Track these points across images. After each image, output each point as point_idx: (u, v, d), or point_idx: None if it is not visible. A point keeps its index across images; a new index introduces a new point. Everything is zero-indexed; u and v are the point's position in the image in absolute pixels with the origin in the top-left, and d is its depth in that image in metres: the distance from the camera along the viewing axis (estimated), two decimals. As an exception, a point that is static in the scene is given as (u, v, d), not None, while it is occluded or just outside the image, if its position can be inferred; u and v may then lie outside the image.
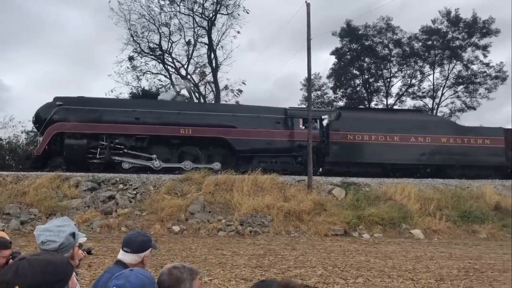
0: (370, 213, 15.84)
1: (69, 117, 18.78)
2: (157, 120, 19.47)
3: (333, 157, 20.99)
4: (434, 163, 22.15)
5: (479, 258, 11.19)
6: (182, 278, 2.17)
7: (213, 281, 7.48)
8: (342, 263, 9.71)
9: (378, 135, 21.24)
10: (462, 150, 21.96)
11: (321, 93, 43.37)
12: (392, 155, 21.22)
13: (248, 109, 21.34)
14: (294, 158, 21.02)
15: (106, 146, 18.91)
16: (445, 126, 22.94)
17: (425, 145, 21.64)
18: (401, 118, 22.56)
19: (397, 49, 39.10)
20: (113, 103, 20.90)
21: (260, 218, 15.25)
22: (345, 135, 21.02)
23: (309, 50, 18.60)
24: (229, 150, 20.30)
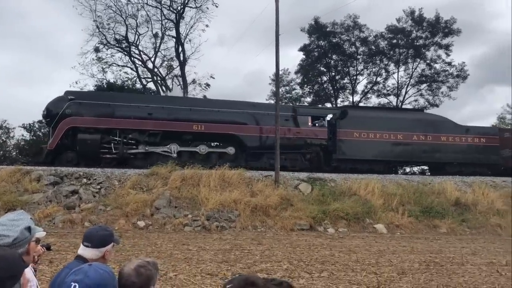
0: (335, 208, 16.06)
1: (81, 112, 18.66)
2: (170, 116, 19.59)
3: (340, 155, 21.56)
4: (434, 160, 22.94)
5: (439, 252, 11.53)
6: (151, 275, 2.13)
7: (179, 276, 7.42)
8: (307, 257, 9.81)
9: (383, 133, 21.92)
10: (460, 149, 22.91)
11: (289, 88, 43.61)
12: (396, 152, 22.10)
13: (259, 106, 21.70)
14: (302, 155, 21.48)
15: (120, 141, 18.93)
16: (444, 125, 23.55)
17: (426, 143, 22.47)
18: (404, 117, 23.33)
19: (364, 47, 39.73)
20: (125, 98, 20.79)
21: (227, 213, 15.23)
22: (351, 133, 21.58)
23: (277, 46, 18.64)
24: (239, 146, 20.43)
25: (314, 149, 21.39)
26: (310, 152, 21.44)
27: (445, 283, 7.49)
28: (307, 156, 21.53)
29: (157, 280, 2.18)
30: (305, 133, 21.36)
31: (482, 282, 7.71)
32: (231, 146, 20.32)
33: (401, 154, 22.32)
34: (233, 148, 20.25)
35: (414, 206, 17.18)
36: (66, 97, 19.05)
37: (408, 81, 40.28)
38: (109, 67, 32.27)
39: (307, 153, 21.52)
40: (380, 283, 7.30)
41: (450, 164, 22.95)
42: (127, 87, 31.45)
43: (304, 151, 21.48)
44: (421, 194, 17.96)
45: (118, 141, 18.95)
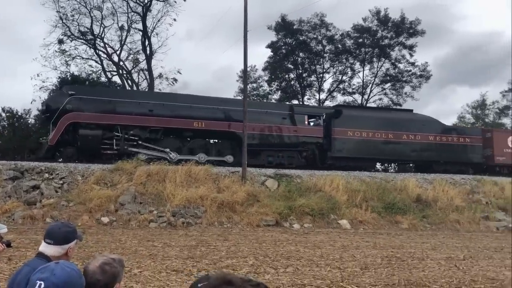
0: (301, 204, 16.25)
1: (82, 107, 18.47)
2: (170, 113, 19.63)
3: (335, 152, 22.13)
4: (423, 159, 23.83)
5: (401, 247, 11.84)
6: (117, 272, 2.10)
7: (143, 273, 7.35)
8: (273, 253, 9.89)
9: (375, 132, 22.65)
10: (447, 148, 23.90)
11: (256, 85, 43.68)
12: (387, 151, 22.91)
13: (257, 104, 22.21)
14: (299, 153, 21.93)
15: (121, 137, 18.89)
16: (432, 125, 24.48)
17: (415, 143, 23.35)
18: (394, 117, 24.24)
19: (330, 46, 40.21)
20: (126, 94, 20.71)
21: (193, 209, 15.16)
22: (345, 132, 22.20)
23: (245, 42, 18.64)
24: (238, 143, 20.29)
25: (310, 147, 21.96)
26: (306, 150, 21.97)
27: (406, 277, 7.71)
28: (304, 154, 22.03)
29: (122, 277, 2.15)
30: (301, 131, 21.79)
31: (441, 276, 7.98)
32: (230, 154, 20.57)
33: (391, 153, 23.13)
34: (231, 156, 20.50)
35: (377, 202, 17.57)
36: (66, 92, 18.86)
37: (373, 80, 41.11)
38: (73, 59, 31.45)
39: (304, 151, 21.98)
40: (343, 278, 7.45)
41: (437, 163, 23.90)
42: (92, 81, 30.74)
43: (301, 149, 21.94)
44: (384, 190, 18.38)
45: (119, 137, 18.91)
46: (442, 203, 18.39)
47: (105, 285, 2.03)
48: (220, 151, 20.83)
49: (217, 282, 1.25)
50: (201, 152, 20.13)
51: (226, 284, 1.23)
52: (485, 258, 10.52)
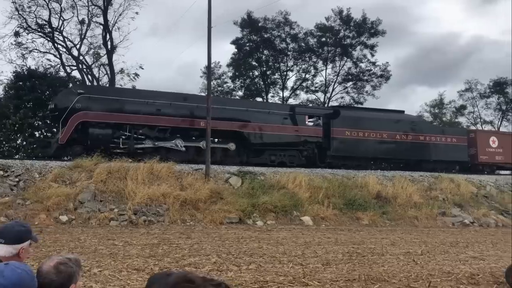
0: (264, 201, 16.31)
1: (91, 106, 18.65)
2: (178, 112, 20.06)
3: (334, 152, 23.00)
4: (414, 158, 25.00)
5: (361, 243, 12.08)
6: (73, 272, 2.03)
7: (103, 272, 7.18)
8: (236, 250, 9.88)
9: (370, 132, 23.66)
10: (435, 147, 25.25)
11: (220, 81, 43.49)
12: (381, 150, 24.13)
13: (260, 105, 23.35)
14: (300, 152, 22.66)
15: (130, 136, 19.16)
16: (422, 126, 26.15)
17: (407, 142, 24.56)
18: (388, 118, 25.20)
19: (294, 44, 40.52)
20: (134, 93, 21.10)
21: (155, 207, 14.96)
22: (343, 132, 23.12)
23: (209, 38, 18.50)
24: (242, 143, 21.28)
25: (310, 146, 22.72)
26: (307, 149, 22.70)
27: (366, 272, 7.86)
28: (304, 153, 22.74)
29: (79, 277, 2.08)
30: (302, 131, 22.54)
31: (400, 271, 8.19)
32: (232, 142, 21.06)
33: (386, 152, 24.33)
34: (233, 144, 21.02)
35: (338, 199, 17.86)
36: (75, 91, 19.01)
37: (335, 78, 41.73)
38: (29, 53, 30.36)
39: (304, 150, 22.70)
40: (305, 274, 7.52)
41: (427, 162, 25.13)
42: (50, 75, 29.76)
43: (302, 148, 22.66)
44: (345, 187, 18.71)
45: (127, 136, 19.19)
46: (401, 199, 18.89)
47: (60, 285, 1.96)
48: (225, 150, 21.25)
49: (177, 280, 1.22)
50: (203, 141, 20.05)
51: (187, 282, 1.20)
52: (441, 253, 10.87)
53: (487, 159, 26.89)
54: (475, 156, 26.47)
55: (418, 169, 23.99)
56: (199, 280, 1.21)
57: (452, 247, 12.05)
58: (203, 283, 1.21)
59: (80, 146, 18.42)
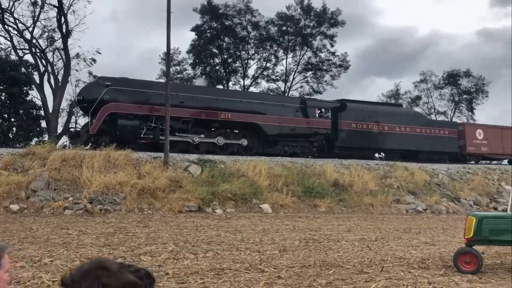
0: (224, 189, 16.29)
1: (119, 98, 19.18)
2: (200, 105, 20.84)
3: (341, 143, 24.33)
4: (411, 148, 26.45)
5: (318, 230, 12.29)
6: None
7: (55, 262, 6.98)
8: (194, 238, 9.84)
9: (373, 125, 25.25)
10: (430, 139, 26.87)
11: (180, 68, 42.84)
12: (382, 141, 25.67)
13: (274, 98, 24.92)
14: (310, 143, 23.86)
15: (156, 127, 19.72)
16: (418, 119, 27.95)
17: (406, 134, 26.13)
18: (388, 111, 27.12)
19: (255, 32, 40.38)
20: (157, 86, 21.62)
21: (111, 196, 14.65)
22: (349, 124, 24.50)
23: (168, 23, 18.16)
24: (257, 134, 22.24)
25: (320, 137, 23.95)
26: (317, 141, 23.92)
27: (321, 258, 8.01)
28: (315, 144, 23.99)
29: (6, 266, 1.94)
30: (313, 123, 23.69)
31: (354, 257, 8.39)
32: (244, 138, 22.07)
33: (387, 143, 25.86)
34: (245, 140, 22.04)
35: (297, 187, 18.07)
36: (102, 82, 19.49)
37: (295, 68, 41.98)
38: (-23, 35, 28.85)
39: (315, 141, 23.90)
40: (262, 260, 7.58)
41: (422, 152, 26.68)
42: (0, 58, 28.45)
43: (312, 139, 23.83)
44: (304, 175, 18.93)
45: (153, 127, 19.76)
46: (357, 187, 19.32)
47: None
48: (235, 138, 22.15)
49: (91, 267, 1.17)
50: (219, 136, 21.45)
51: (101, 269, 1.15)
52: (394, 239, 11.22)
53: (474, 150, 28.81)
54: (464, 147, 28.27)
55: (415, 159, 25.26)
56: (115, 267, 1.16)
57: (405, 233, 12.45)
58: (119, 270, 1.16)
59: (108, 137, 18.84)
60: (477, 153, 29.26)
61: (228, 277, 6.35)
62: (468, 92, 47.84)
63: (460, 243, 9.43)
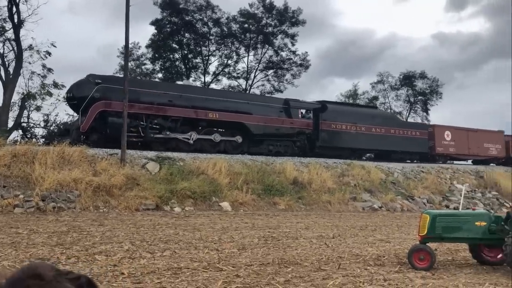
0: (182, 187, 16.10)
1: (109, 96, 19.17)
2: (188, 104, 21.11)
3: (322, 142, 25.11)
4: (386, 148, 27.67)
5: (277, 227, 12.34)
6: None
7: (2, 262, 6.65)
8: (151, 237, 9.64)
9: (352, 126, 26.13)
10: (403, 140, 28.09)
11: (139, 63, 41.94)
12: (360, 142, 26.51)
13: (259, 98, 25.58)
14: (293, 143, 24.54)
15: (146, 125, 20.02)
16: (392, 121, 29.59)
17: (381, 135, 27.19)
18: (365, 112, 28.44)
19: (216, 28, 40.11)
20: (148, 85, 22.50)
21: (65, 193, 14.19)
22: (330, 124, 25.37)
23: (127, 17, 17.73)
24: (244, 133, 22.66)
25: (302, 137, 24.68)
26: (299, 140, 24.60)
27: (280, 256, 8.02)
28: (297, 144, 24.60)
29: None
30: (296, 123, 24.43)
31: (312, 254, 8.45)
32: (239, 135, 22.51)
33: (364, 143, 26.75)
34: (240, 137, 22.49)
35: (257, 185, 18.09)
36: (92, 80, 19.51)
37: (257, 66, 42.01)
38: None
39: (298, 141, 24.56)
40: (220, 259, 7.51)
41: (396, 152, 27.88)
42: None
43: (295, 139, 24.50)
44: (264, 173, 18.98)
45: (144, 126, 20.02)
46: (316, 185, 19.55)
47: None
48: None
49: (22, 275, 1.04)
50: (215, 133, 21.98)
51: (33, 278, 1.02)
52: (351, 236, 11.40)
53: (443, 151, 30.14)
54: (433, 148, 29.50)
55: (388, 159, 26.66)
56: (50, 275, 1.03)
57: (362, 231, 12.69)
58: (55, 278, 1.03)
59: (97, 134, 19.15)
60: (445, 154, 30.61)
61: (185, 276, 6.24)
62: (423, 94, 49.33)
63: (414, 240, 9.69)
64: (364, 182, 21.61)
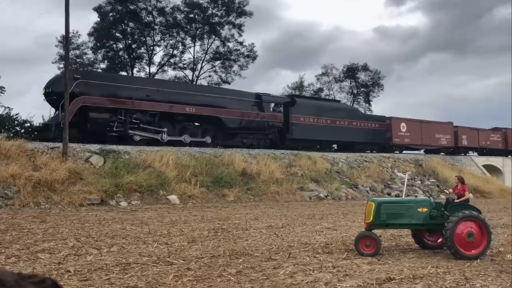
0: (128, 180, 15.74)
1: (89, 91, 19.21)
2: (165, 98, 21.28)
3: (292, 135, 26.18)
4: (349, 140, 29.28)
5: (227, 219, 12.34)
6: None
7: None
8: (97, 233, 9.35)
9: (318, 119, 27.34)
10: (364, 131, 29.88)
11: (80, 52, 40.26)
12: (326, 134, 27.75)
13: (233, 92, 25.26)
14: (266, 136, 25.39)
15: (124, 120, 20.00)
16: (355, 114, 31.17)
17: (345, 127, 28.63)
18: (330, 106, 29.96)
19: (161, 18, 39.22)
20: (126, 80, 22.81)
21: (3, 190, 13.47)
22: (299, 118, 26.46)
23: (67, 4, 16.96)
24: (219, 127, 23.20)
25: (274, 130, 25.59)
26: (271, 133, 25.51)
27: (231, 247, 8.03)
28: (269, 136, 25.50)
29: None
30: (268, 117, 25.31)
31: (262, 244, 8.52)
32: (208, 136, 22.93)
33: (330, 135, 28.11)
34: (209, 137, 22.92)
35: (206, 177, 17.99)
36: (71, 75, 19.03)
37: (203, 56, 41.58)
38: None
39: (269, 133, 25.46)
40: (170, 253, 7.40)
41: (358, 143, 29.60)
42: None
43: (267, 132, 25.38)
44: (212, 165, 18.90)
45: (123, 120, 20.00)
46: (264, 176, 19.73)
47: None
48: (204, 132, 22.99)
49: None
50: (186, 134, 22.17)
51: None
52: (300, 225, 11.61)
53: (399, 141, 32.18)
54: (390, 139, 31.43)
55: (351, 150, 28.48)
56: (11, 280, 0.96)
57: (309, 219, 12.95)
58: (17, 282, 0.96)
59: (77, 129, 18.95)
60: (401, 144, 32.53)
61: (135, 272, 6.10)
62: (365, 85, 50.86)
63: (360, 227, 10.01)
64: (311, 172, 22.05)
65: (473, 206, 8.16)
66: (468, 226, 7.50)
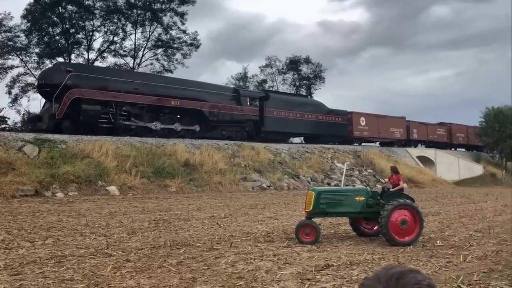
0: (65, 171, 15.17)
1: (81, 84, 19.81)
2: (152, 92, 22.28)
3: (267, 128, 27.95)
4: (315, 133, 31.29)
5: (168, 210, 12.18)
6: None
7: None
8: (30, 225, 8.93)
9: (289, 113, 29.39)
10: (328, 125, 31.92)
11: (11, 35, 37.75)
12: (295, 126, 29.80)
13: (214, 87, 26.58)
14: (243, 128, 26.97)
15: (115, 112, 20.76)
16: (320, 108, 32.54)
17: (312, 121, 30.72)
18: (299, 101, 32.48)
19: (100, 2, 37.75)
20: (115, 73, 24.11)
21: None
22: (272, 111, 28.25)
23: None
24: (201, 119, 24.46)
25: (250, 123, 27.22)
26: (248, 126, 27.11)
27: (172, 238, 7.94)
28: (246, 129, 27.04)
29: None
30: (245, 110, 26.85)
31: (204, 234, 8.49)
32: (197, 124, 24.21)
33: (299, 128, 30.21)
34: (198, 126, 24.28)
35: (147, 168, 17.66)
36: (64, 68, 20.06)
37: (145, 44, 40.55)
38: None
39: (246, 126, 27.03)
40: (109, 244, 7.21)
41: (323, 136, 31.47)
42: None
43: (245, 125, 26.95)
44: (154, 155, 18.57)
45: (114, 112, 20.76)
46: (207, 166, 19.65)
47: None
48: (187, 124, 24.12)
49: None
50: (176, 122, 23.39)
51: None
52: (242, 215, 11.68)
53: (359, 134, 34.64)
54: (351, 132, 33.85)
55: (317, 142, 30.50)
56: None
57: (252, 209, 13.06)
58: None
59: (69, 121, 19.49)
60: (361, 137, 34.96)
61: (71, 264, 5.89)
62: (307, 78, 51.74)
63: (300, 216, 10.22)
64: (254, 162, 22.22)
65: (407, 195, 8.55)
66: (402, 214, 7.86)
